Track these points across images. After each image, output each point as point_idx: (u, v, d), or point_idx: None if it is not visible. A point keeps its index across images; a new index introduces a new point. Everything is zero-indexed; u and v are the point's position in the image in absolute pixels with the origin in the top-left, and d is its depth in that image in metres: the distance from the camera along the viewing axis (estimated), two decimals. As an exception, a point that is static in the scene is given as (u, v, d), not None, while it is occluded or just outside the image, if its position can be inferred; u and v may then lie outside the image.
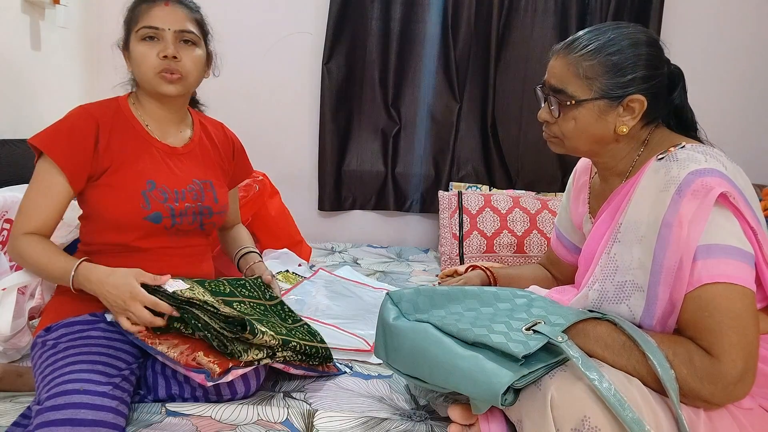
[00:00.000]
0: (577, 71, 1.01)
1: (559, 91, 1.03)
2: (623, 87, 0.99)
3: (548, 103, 1.06)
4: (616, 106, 1.00)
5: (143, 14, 1.21)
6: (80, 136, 1.17)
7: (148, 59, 1.19)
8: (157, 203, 1.21)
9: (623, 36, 1.00)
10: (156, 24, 1.19)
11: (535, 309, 0.98)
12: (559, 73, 1.03)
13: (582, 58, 1.00)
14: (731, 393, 0.83)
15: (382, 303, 1.07)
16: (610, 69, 0.99)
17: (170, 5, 1.22)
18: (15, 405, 1.12)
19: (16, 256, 1.17)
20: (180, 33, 1.21)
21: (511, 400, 0.88)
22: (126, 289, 1.06)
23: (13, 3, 1.89)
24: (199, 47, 1.26)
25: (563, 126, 1.05)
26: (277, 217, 2.10)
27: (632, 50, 0.99)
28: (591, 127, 1.02)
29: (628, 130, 1.01)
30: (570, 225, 1.31)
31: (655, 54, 1.01)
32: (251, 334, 1.07)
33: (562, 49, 1.04)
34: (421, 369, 0.98)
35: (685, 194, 0.88)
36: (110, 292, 1.07)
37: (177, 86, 1.22)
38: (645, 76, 0.99)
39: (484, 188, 2.66)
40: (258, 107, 2.66)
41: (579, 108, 1.02)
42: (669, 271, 0.88)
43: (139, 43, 1.20)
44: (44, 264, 1.14)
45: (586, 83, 1.00)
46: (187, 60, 1.22)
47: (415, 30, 2.61)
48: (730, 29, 2.68)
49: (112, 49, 1.28)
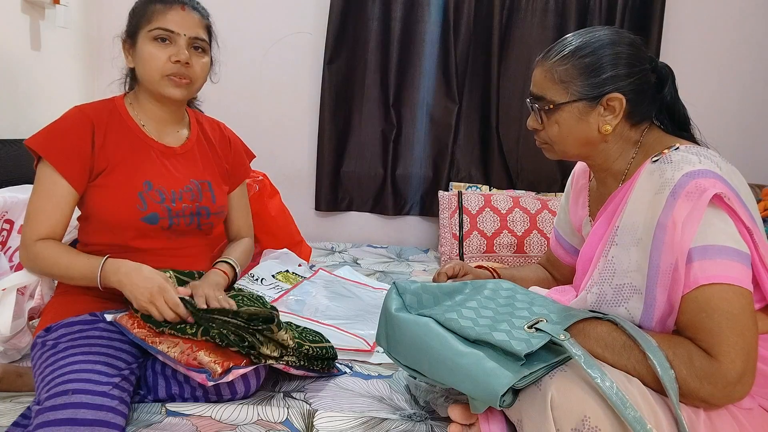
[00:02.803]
0: (553, 77, 1.04)
1: (539, 98, 1.07)
2: (599, 86, 1.01)
3: (534, 112, 1.09)
4: (595, 106, 1.02)
5: (158, 15, 1.20)
6: (76, 138, 1.17)
7: (157, 60, 1.19)
8: (153, 204, 1.21)
9: (595, 39, 1.03)
10: (172, 27, 1.19)
11: (536, 307, 0.98)
12: (538, 81, 1.07)
13: (556, 64, 1.04)
14: (730, 394, 0.83)
15: (387, 291, 1.08)
16: (583, 71, 1.02)
17: (186, 9, 1.22)
18: (15, 405, 1.12)
19: (31, 263, 1.17)
20: (193, 39, 1.22)
21: (510, 402, 0.88)
22: (156, 282, 1.10)
23: (13, 3, 1.89)
24: (207, 54, 1.27)
25: (549, 131, 1.08)
26: (277, 217, 2.10)
27: (604, 50, 1.01)
28: (574, 130, 1.05)
29: (612, 128, 1.03)
30: (569, 227, 1.31)
31: (632, 53, 1.03)
32: (278, 327, 1.11)
33: (541, 58, 1.08)
34: (420, 363, 0.98)
35: (679, 196, 0.88)
36: (139, 284, 1.10)
37: (183, 91, 1.23)
38: (622, 74, 1.01)
39: (484, 188, 2.66)
40: (258, 107, 2.66)
41: (559, 112, 1.04)
42: (665, 273, 0.88)
43: (150, 43, 1.20)
44: (64, 265, 1.14)
45: (563, 87, 1.03)
46: (196, 66, 1.23)
47: (416, 30, 2.61)
48: (731, 29, 2.68)
49: (114, 42, 1.27)
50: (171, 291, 1.11)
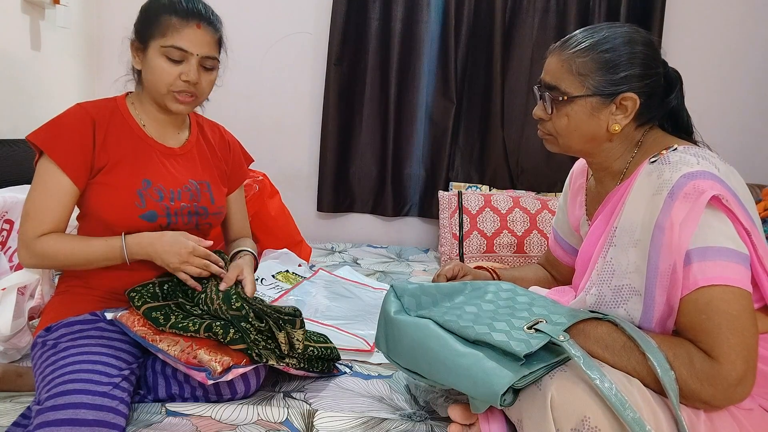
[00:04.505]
0: (570, 68, 1.02)
1: (552, 87, 1.04)
2: (616, 84, 1.00)
3: (543, 101, 1.07)
4: (608, 104, 1.01)
5: (174, 31, 1.17)
6: (78, 135, 1.17)
7: (167, 77, 1.18)
8: (152, 202, 1.21)
9: (617, 34, 1.01)
10: (185, 47, 1.17)
11: (536, 308, 0.98)
12: (553, 70, 1.05)
13: (575, 55, 1.01)
14: (731, 395, 0.83)
15: (385, 294, 1.08)
16: (603, 66, 1.00)
17: (202, 27, 1.20)
18: (15, 405, 1.12)
19: (37, 259, 1.15)
20: (205, 59, 1.21)
21: (510, 401, 0.88)
22: (182, 244, 1.16)
23: (13, 3, 1.89)
24: (216, 69, 1.26)
25: (556, 123, 1.06)
26: (277, 217, 2.10)
27: (626, 48, 1.00)
28: (583, 125, 1.03)
29: (620, 128, 1.02)
30: (567, 227, 1.31)
31: (650, 54, 1.02)
32: (301, 327, 1.18)
33: (558, 47, 1.06)
34: (420, 365, 0.98)
35: (677, 197, 0.88)
36: (167, 250, 1.16)
37: (188, 107, 1.23)
38: (638, 75, 1.00)
39: (484, 188, 2.66)
40: (258, 107, 2.66)
41: (572, 104, 1.02)
42: (664, 275, 0.88)
43: (161, 58, 1.18)
44: (80, 250, 1.14)
45: (579, 80, 1.01)
46: (204, 83, 1.23)
47: (416, 31, 2.61)
48: (731, 29, 2.68)
49: (121, 42, 1.26)
50: (197, 246, 1.17)
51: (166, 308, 1.16)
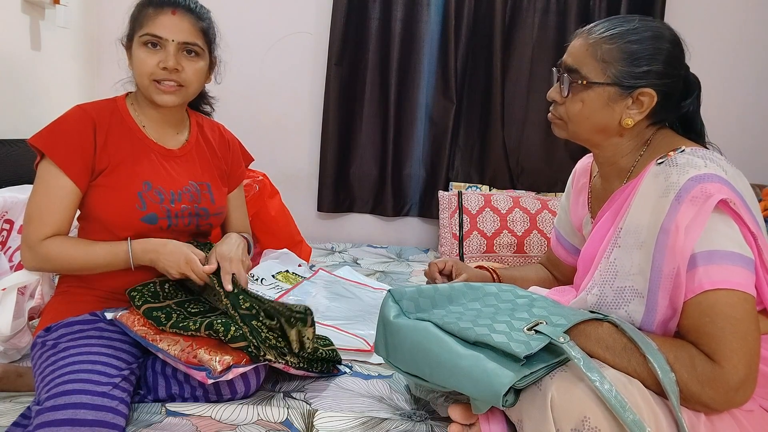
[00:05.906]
0: (594, 53, 1.00)
1: (573, 70, 1.02)
2: (637, 78, 0.98)
3: (560, 83, 1.06)
4: (625, 96, 1.00)
5: (149, 20, 1.18)
6: (79, 137, 1.17)
7: (146, 66, 1.18)
8: (153, 204, 1.21)
9: (647, 27, 1.00)
10: (160, 33, 1.17)
11: (536, 309, 0.97)
12: (576, 53, 1.03)
13: (602, 41, 1.00)
14: (732, 399, 0.83)
15: (383, 300, 1.07)
16: (627, 56, 0.98)
17: (177, 14, 1.19)
18: (15, 405, 1.12)
19: (41, 263, 1.15)
20: (184, 44, 1.19)
21: (512, 401, 0.88)
22: (182, 254, 1.17)
23: (13, 3, 1.89)
24: (202, 58, 1.24)
25: (570, 107, 1.04)
26: (277, 217, 2.10)
27: (653, 43, 0.98)
28: (597, 113, 1.02)
29: (633, 123, 1.01)
30: (569, 227, 1.30)
31: (675, 53, 1.00)
32: (312, 325, 1.16)
33: (585, 31, 1.04)
34: (421, 368, 0.98)
35: (684, 200, 0.87)
36: (168, 258, 1.17)
37: (173, 97, 1.21)
38: (660, 72, 0.98)
39: (484, 188, 2.66)
40: (258, 107, 2.66)
41: (589, 90, 1.01)
42: (668, 278, 0.88)
43: (140, 48, 1.19)
44: (83, 254, 1.15)
45: (602, 66, 1.00)
46: (189, 71, 1.21)
47: (417, 31, 2.60)
48: (732, 29, 2.68)
49: (116, 46, 1.27)
50: (197, 262, 1.17)
51: (167, 308, 1.16)
